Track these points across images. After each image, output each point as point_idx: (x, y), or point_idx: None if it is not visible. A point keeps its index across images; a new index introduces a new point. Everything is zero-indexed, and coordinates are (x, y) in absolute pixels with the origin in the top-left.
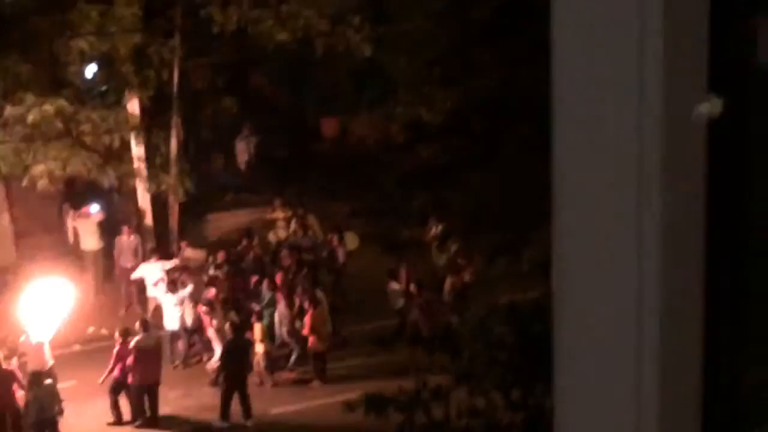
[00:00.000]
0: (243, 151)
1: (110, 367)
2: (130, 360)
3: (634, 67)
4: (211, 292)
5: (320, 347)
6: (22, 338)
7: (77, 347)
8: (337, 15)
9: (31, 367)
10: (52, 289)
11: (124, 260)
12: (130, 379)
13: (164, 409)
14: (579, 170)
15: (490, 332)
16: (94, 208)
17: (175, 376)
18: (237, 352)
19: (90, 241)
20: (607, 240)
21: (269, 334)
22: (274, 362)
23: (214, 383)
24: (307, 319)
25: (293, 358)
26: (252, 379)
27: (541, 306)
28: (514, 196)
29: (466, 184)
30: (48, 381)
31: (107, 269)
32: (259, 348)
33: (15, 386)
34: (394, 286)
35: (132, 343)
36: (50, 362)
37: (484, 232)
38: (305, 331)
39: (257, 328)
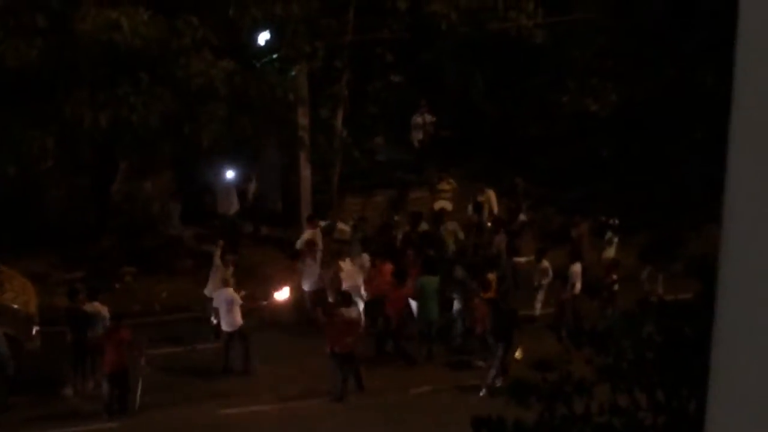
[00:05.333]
0: (418, 127)
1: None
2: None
3: None
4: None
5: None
6: None
7: None
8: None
9: None
10: None
11: None
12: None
13: None
14: (756, 176)
15: (640, 330)
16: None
17: None
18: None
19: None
20: None
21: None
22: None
23: None
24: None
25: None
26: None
27: (692, 307)
28: (673, 196)
29: (627, 179)
30: None
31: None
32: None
33: None
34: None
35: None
36: None
37: (640, 228)
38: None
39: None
